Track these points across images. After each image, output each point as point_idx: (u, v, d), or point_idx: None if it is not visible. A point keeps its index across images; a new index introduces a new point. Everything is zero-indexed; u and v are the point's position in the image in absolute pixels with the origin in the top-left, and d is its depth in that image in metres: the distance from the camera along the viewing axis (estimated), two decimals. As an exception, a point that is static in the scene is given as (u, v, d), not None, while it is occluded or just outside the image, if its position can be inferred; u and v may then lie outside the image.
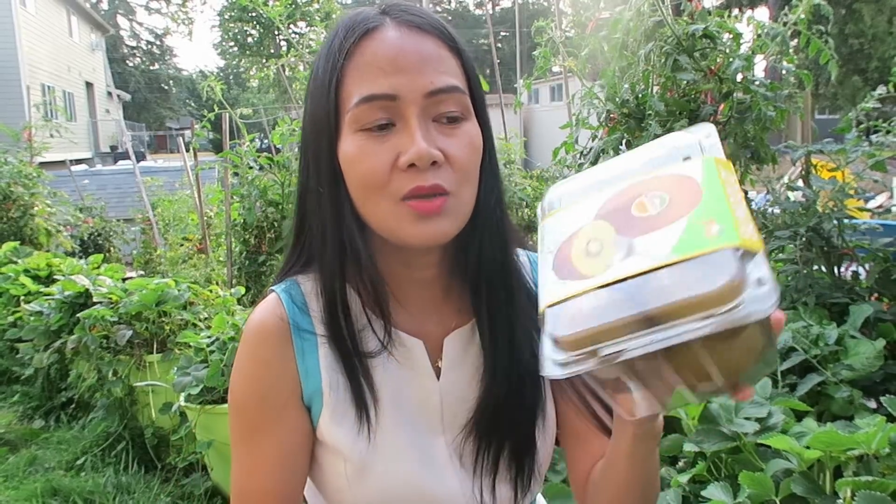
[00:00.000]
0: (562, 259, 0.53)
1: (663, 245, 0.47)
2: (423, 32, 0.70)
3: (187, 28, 46.76)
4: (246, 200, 3.46)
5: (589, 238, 0.52)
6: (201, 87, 3.91)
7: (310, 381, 0.75)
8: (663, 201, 0.50)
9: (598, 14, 2.79)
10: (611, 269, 0.48)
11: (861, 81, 14.40)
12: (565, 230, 0.55)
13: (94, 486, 2.87)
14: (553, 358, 0.50)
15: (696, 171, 0.52)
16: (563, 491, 1.67)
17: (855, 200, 2.39)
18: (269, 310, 0.76)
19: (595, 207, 0.54)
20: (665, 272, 0.46)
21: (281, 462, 0.75)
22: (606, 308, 0.47)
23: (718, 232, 0.46)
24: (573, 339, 0.48)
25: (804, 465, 1.51)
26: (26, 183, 6.32)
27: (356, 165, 0.69)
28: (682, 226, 0.48)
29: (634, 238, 0.49)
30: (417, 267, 0.77)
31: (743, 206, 0.49)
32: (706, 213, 0.48)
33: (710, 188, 0.49)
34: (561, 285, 0.51)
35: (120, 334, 3.05)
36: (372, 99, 0.68)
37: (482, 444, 0.77)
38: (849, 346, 2.01)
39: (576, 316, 0.48)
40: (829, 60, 2.26)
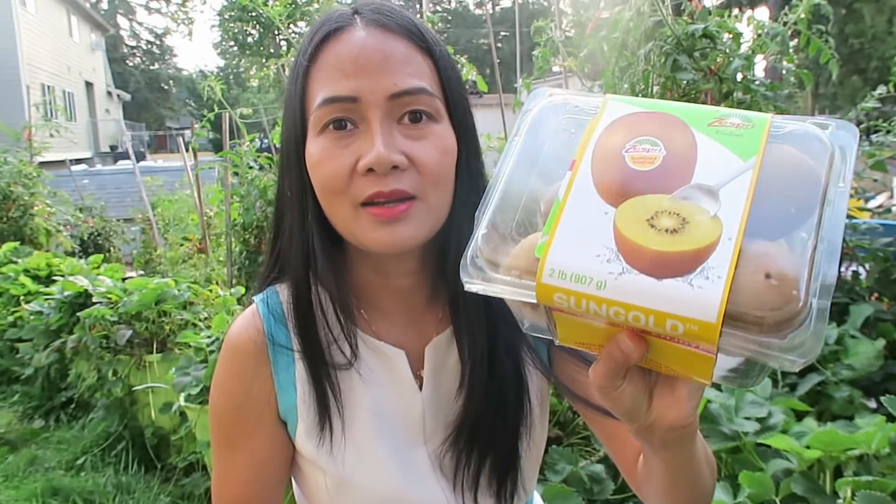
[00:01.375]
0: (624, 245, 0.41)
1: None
2: (391, 32, 0.68)
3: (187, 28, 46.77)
4: (245, 200, 3.46)
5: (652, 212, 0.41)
6: (201, 86, 3.91)
7: (285, 396, 0.74)
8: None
9: (599, 14, 2.79)
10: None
11: (861, 81, 14.40)
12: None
13: (94, 486, 2.87)
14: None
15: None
16: (563, 491, 1.67)
17: (855, 200, 2.39)
18: (246, 324, 0.75)
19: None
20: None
21: (254, 474, 0.75)
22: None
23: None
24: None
25: (804, 465, 1.51)
26: (26, 183, 6.32)
27: (317, 169, 0.68)
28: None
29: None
30: (394, 275, 0.76)
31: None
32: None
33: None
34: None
35: (120, 334, 3.05)
36: (333, 101, 0.66)
37: (462, 458, 0.75)
38: (849, 345, 2.01)
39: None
40: (830, 60, 2.25)
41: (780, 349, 0.36)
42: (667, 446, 0.54)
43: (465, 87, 0.76)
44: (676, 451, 0.55)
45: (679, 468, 0.58)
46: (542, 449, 0.81)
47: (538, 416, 0.79)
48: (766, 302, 0.37)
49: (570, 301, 0.41)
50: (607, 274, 0.39)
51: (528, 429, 0.77)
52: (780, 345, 0.36)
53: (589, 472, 1.88)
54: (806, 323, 0.36)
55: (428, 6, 4.54)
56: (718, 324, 0.37)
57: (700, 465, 0.60)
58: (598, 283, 0.39)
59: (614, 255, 0.40)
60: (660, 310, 0.38)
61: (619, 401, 0.50)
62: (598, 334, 0.45)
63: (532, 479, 0.81)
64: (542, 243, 0.42)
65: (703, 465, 0.61)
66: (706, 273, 0.38)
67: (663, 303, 0.38)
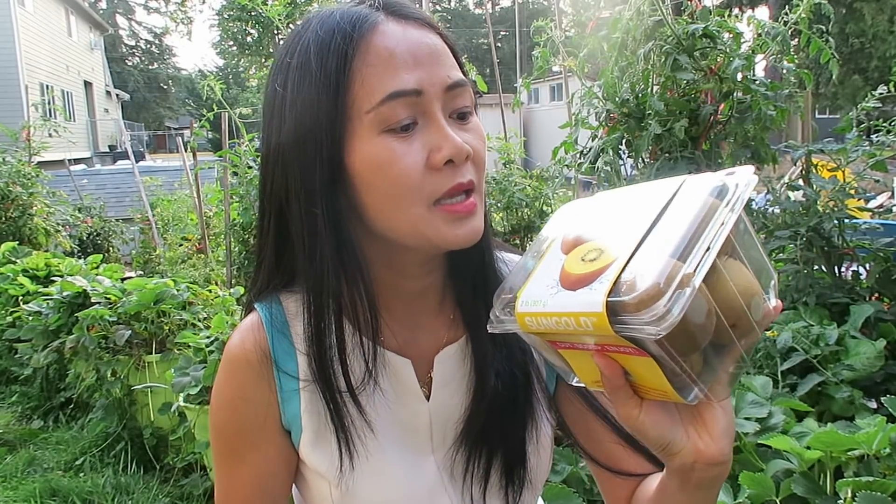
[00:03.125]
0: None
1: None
2: (425, 25, 0.68)
3: (186, 27, 46.71)
4: (245, 200, 3.45)
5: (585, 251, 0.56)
6: (200, 86, 3.90)
7: (289, 406, 0.73)
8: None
9: (599, 13, 2.79)
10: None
11: (861, 81, 14.40)
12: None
13: (92, 487, 2.87)
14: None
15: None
16: (563, 491, 1.67)
17: (855, 200, 2.38)
18: (249, 334, 0.73)
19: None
20: None
21: (258, 487, 0.74)
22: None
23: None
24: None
25: (805, 466, 1.50)
26: (25, 183, 6.31)
27: (384, 170, 0.64)
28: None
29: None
30: (416, 276, 0.74)
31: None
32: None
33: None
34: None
35: (118, 334, 3.04)
36: (399, 95, 0.63)
37: (472, 455, 0.74)
38: (849, 346, 2.00)
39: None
40: (830, 59, 2.25)
41: (644, 322, 0.47)
42: (700, 486, 0.57)
43: None
44: (706, 493, 0.59)
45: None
46: (549, 448, 0.81)
47: (544, 414, 0.79)
48: (633, 290, 0.48)
49: (533, 320, 0.54)
50: (548, 296, 0.53)
51: (534, 422, 0.77)
52: (644, 320, 0.47)
53: (589, 472, 1.88)
54: (663, 300, 0.47)
55: (428, 6, 4.54)
56: (604, 311, 0.48)
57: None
58: (542, 302, 0.53)
59: (555, 283, 0.54)
60: (574, 311, 0.51)
61: (643, 431, 0.55)
62: (592, 368, 0.55)
63: (539, 479, 0.80)
64: (520, 288, 0.57)
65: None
66: (601, 280, 0.50)
67: (575, 306, 0.51)
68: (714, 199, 0.53)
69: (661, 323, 0.46)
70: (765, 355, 2.07)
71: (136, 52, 40.28)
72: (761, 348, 2.09)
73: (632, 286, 0.48)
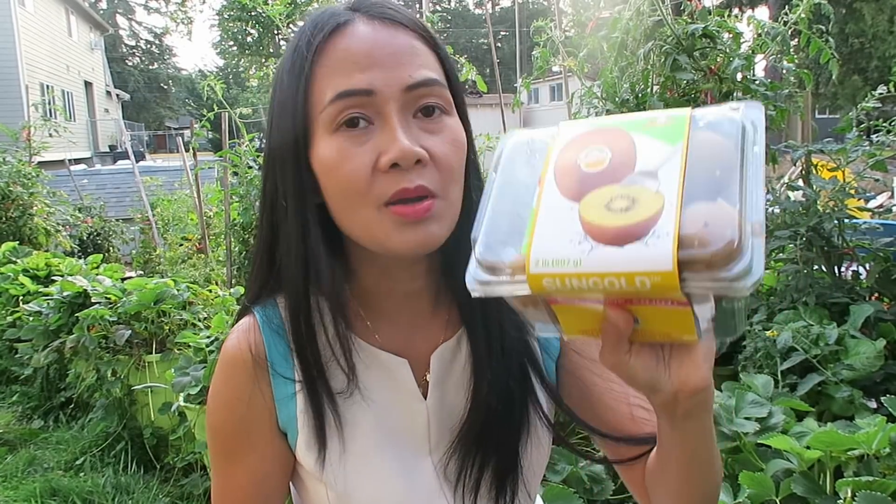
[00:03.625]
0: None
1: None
2: (397, 25, 0.66)
3: (186, 27, 46.73)
4: (245, 200, 3.46)
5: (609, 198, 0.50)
6: (201, 86, 3.91)
7: (285, 408, 0.72)
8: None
9: (598, 14, 2.79)
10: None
11: (861, 81, 14.40)
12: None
13: (92, 487, 2.87)
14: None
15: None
16: (563, 492, 1.67)
17: (855, 200, 2.38)
18: (244, 337, 0.73)
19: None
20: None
21: (254, 488, 0.74)
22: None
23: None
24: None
25: (804, 466, 1.51)
26: (25, 183, 6.32)
27: (334, 170, 0.64)
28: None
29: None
30: (403, 279, 0.73)
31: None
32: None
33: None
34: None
35: (119, 334, 3.04)
36: (347, 95, 0.63)
37: (466, 461, 0.73)
38: (849, 345, 2.00)
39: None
40: (830, 60, 2.25)
41: (730, 279, 0.44)
42: (689, 416, 0.56)
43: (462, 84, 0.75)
44: (696, 423, 0.57)
45: (696, 449, 0.60)
46: (544, 455, 0.80)
47: (540, 419, 0.78)
48: (706, 243, 0.45)
49: (556, 282, 0.48)
50: (580, 252, 0.47)
51: (529, 435, 0.75)
52: (729, 276, 0.44)
53: (589, 472, 1.88)
54: (746, 254, 0.44)
55: (428, 6, 4.54)
56: (675, 270, 0.44)
57: (713, 448, 0.62)
58: (574, 261, 0.47)
59: (583, 237, 0.48)
60: (627, 271, 0.46)
61: (633, 376, 0.53)
62: (591, 319, 0.52)
63: (532, 485, 0.79)
64: (525, 243, 0.50)
65: (715, 451, 0.62)
66: (657, 233, 0.46)
67: (629, 264, 0.46)
68: (738, 136, 0.50)
69: (748, 278, 0.43)
70: (765, 355, 2.07)
71: (136, 52, 40.29)
72: (761, 348, 2.09)
73: (704, 240, 0.44)
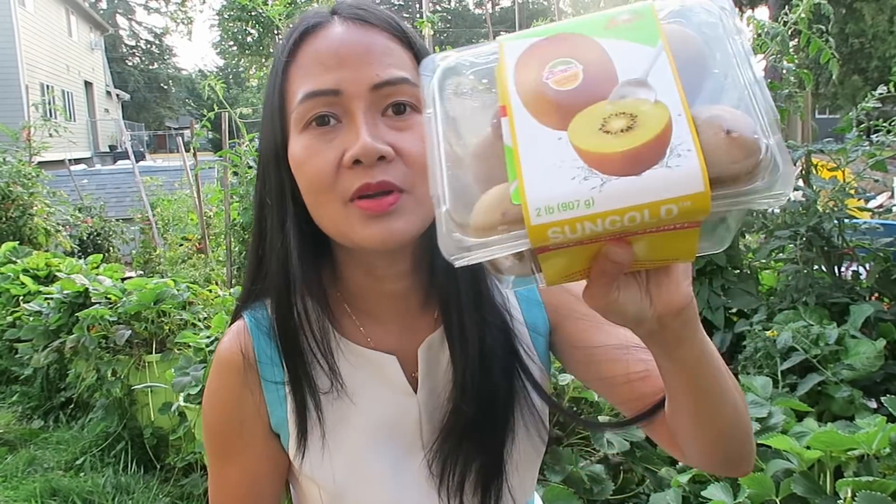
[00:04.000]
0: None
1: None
2: (369, 25, 0.68)
3: (186, 27, 46.73)
4: (245, 200, 3.46)
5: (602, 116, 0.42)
6: (201, 86, 3.91)
7: (276, 410, 0.73)
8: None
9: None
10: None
11: (861, 81, 14.40)
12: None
13: (93, 487, 2.87)
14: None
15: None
16: (563, 492, 1.67)
17: (855, 200, 2.38)
18: (236, 339, 0.74)
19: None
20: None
21: (249, 486, 0.75)
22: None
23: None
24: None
25: (804, 466, 1.51)
26: (25, 183, 6.32)
27: (303, 167, 0.66)
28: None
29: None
30: (388, 279, 0.74)
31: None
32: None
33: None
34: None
35: (119, 334, 3.04)
36: (314, 95, 0.65)
37: (448, 463, 0.73)
38: (849, 345, 2.01)
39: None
40: (830, 60, 2.25)
41: (762, 192, 0.39)
42: (679, 341, 0.54)
43: None
44: (689, 347, 0.55)
45: (697, 378, 0.57)
46: (536, 459, 0.79)
47: (532, 424, 0.77)
48: (735, 156, 0.39)
49: (566, 230, 0.41)
50: (590, 190, 0.40)
51: (516, 438, 0.75)
52: (761, 187, 0.39)
53: (589, 472, 1.88)
54: (773, 161, 0.39)
55: (428, 6, 4.54)
56: (707, 189, 0.39)
57: (718, 377, 0.59)
58: (585, 202, 0.40)
59: (587, 171, 0.41)
60: (651, 201, 0.40)
61: (622, 311, 0.50)
62: (582, 260, 0.47)
63: (522, 488, 0.78)
64: (514, 189, 0.42)
65: (721, 364, 0.59)
66: (676, 151, 0.40)
67: (652, 193, 0.39)
68: (715, 25, 0.45)
69: (786, 185, 0.38)
70: (765, 355, 2.07)
71: (136, 53, 40.29)
72: (761, 348, 2.09)
73: (731, 151, 0.39)
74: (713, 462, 0.67)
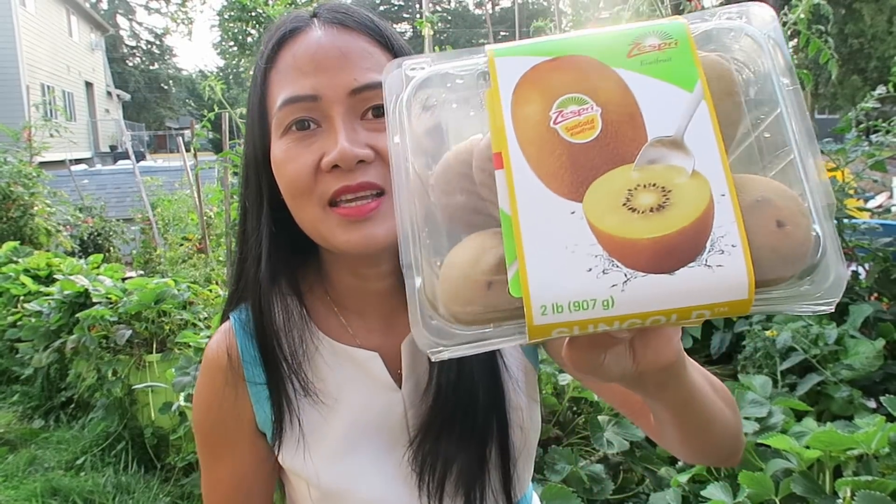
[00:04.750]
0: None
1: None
2: (348, 30, 0.68)
3: (187, 28, 46.75)
4: (245, 200, 3.46)
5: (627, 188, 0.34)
6: (201, 86, 3.90)
7: (262, 409, 0.74)
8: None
9: (598, 14, 2.79)
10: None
11: (861, 81, 14.39)
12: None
13: (93, 486, 2.87)
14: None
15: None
16: (561, 491, 1.67)
17: (855, 200, 2.39)
18: (221, 340, 0.75)
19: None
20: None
21: (237, 484, 0.76)
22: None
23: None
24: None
25: (804, 465, 1.51)
26: (26, 183, 6.33)
27: (282, 170, 0.67)
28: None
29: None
30: (371, 278, 0.74)
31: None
32: None
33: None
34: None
35: (119, 334, 3.05)
36: (293, 101, 0.65)
37: (427, 463, 0.72)
38: (848, 345, 2.01)
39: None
40: (829, 60, 2.25)
41: (808, 297, 0.33)
42: (663, 387, 0.50)
43: None
44: (674, 388, 0.52)
45: (684, 404, 0.55)
46: (528, 453, 0.79)
47: (517, 423, 0.76)
48: (786, 256, 0.32)
49: (574, 330, 0.34)
50: (610, 288, 0.33)
51: (499, 434, 0.74)
52: (807, 291, 0.33)
53: (588, 472, 1.88)
54: (825, 260, 0.32)
55: (428, 6, 4.54)
56: (751, 299, 0.32)
57: (705, 395, 0.57)
58: (603, 302, 0.33)
59: (607, 261, 0.33)
60: (684, 306, 0.33)
61: (605, 374, 0.45)
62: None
63: (510, 490, 0.76)
64: (514, 276, 0.34)
65: (709, 394, 0.58)
66: (717, 246, 0.32)
67: (686, 298, 0.33)
68: (760, 61, 0.35)
69: (835, 292, 0.32)
70: (764, 355, 2.07)
71: (136, 53, 40.28)
72: (761, 348, 2.09)
73: (782, 251, 0.32)
74: (700, 461, 0.70)
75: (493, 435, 0.74)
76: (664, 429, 0.64)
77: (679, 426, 0.59)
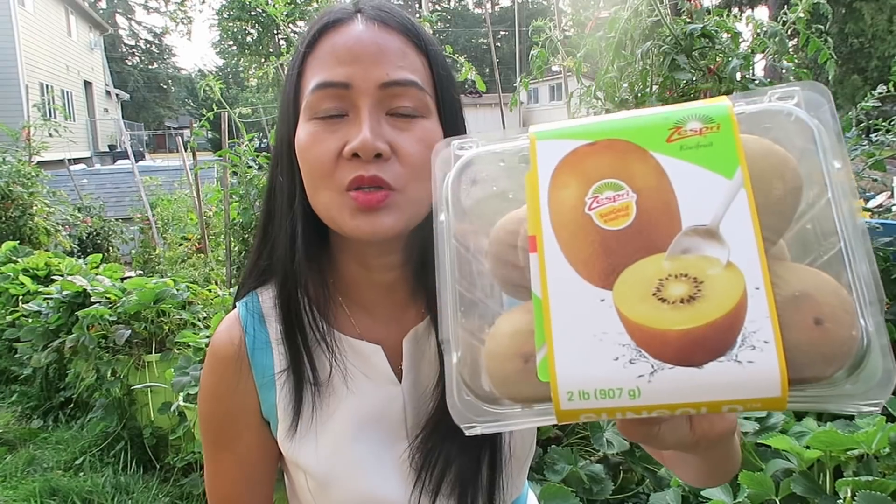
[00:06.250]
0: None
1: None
2: (388, 27, 0.70)
3: (186, 27, 46.72)
4: (244, 200, 3.45)
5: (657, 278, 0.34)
6: (200, 86, 3.90)
7: (267, 398, 0.75)
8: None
9: (598, 13, 2.79)
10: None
11: (861, 80, 14.40)
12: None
13: (92, 486, 2.87)
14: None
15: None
16: (559, 490, 1.67)
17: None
18: (228, 328, 0.77)
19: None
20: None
21: (243, 472, 0.77)
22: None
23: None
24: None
25: (804, 465, 1.51)
26: (25, 182, 6.32)
27: (305, 153, 0.69)
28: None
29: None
30: (377, 269, 0.76)
31: None
32: None
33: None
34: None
35: (118, 334, 3.04)
36: (325, 86, 0.68)
37: (429, 460, 0.73)
38: (848, 345, 2.01)
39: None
40: (828, 60, 2.25)
41: (851, 397, 0.31)
42: (713, 447, 0.49)
43: (458, 90, 0.76)
44: (721, 448, 0.56)
45: (720, 457, 0.61)
46: (524, 457, 0.79)
47: (520, 440, 0.77)
48: (825, 354, 0.31)
49: (603, 416, 0.35)
50: (637, 378, 0.33)
51: (495, 454, 0.74)
52: (850, 391, 0.31)
53: (588, 472, 1.88)
54: (869, 358, 0.31)
55: (427, 5, 4.54)
56: (785, 396, 0.32)
57: (736, 441, 0.62)
58: (630, 391, 0.33)
59: (634, 351, 0.33)
60: (712, 400, 0.33)
61: (661, 442, 0.45)
62: None
63: (507, 488, 0.77)
64: (542, 360, 0.35)
65: (733, 448, 0.62)
66: (749, 341, 0.32)
67: (714, 392, 0.32)
68: (808, 146, 0.34)
69: (883, 391, 0.30)
70: (764, 355, 2.07)
71: (135, 52, 40.26)
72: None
73: (820, 348, 0.31)
74: (706, 486, 0.74)
75: (487, 438, 0.74)
76: (685, 468, 0.67)
77: (704, 469, 0.65)
